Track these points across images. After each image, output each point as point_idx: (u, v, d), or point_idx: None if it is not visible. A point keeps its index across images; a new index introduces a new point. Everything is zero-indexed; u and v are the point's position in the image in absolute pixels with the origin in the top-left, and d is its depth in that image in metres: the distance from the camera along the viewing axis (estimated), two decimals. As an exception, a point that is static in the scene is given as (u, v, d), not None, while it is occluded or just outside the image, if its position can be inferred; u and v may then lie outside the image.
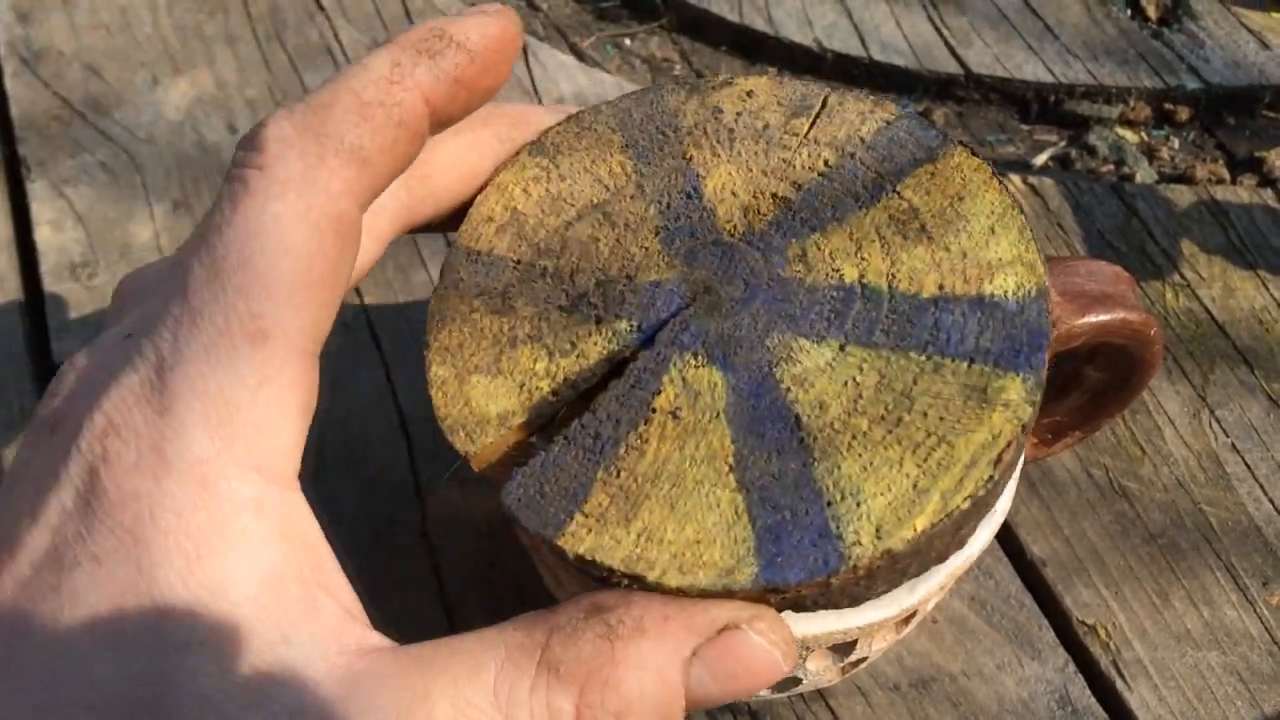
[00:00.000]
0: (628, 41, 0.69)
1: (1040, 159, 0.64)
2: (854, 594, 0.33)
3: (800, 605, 0.32)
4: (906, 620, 0.39)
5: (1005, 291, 0.34)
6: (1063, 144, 0.65)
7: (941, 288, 0.34)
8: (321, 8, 0.69)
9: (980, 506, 0.32)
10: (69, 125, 0.63)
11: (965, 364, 0.33)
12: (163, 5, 0.69)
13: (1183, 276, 0.57)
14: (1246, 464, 0.51)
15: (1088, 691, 0.46)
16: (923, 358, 0.33)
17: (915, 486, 0.31)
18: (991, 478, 0.31)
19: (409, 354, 0.55)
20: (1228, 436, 0.52)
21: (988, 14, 0.68)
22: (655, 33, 0.70)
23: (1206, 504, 0.50)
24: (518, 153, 0.38)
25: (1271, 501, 0.50)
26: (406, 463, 0.52)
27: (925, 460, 0.31)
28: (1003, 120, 0.66)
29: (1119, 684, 0.46)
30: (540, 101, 0.64)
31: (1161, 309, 0.56)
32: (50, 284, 0.57)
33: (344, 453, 0.52)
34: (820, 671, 0.39)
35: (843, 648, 0.38)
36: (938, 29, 0.67)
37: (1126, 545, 0.49)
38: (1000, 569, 0.49)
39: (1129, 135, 0.65)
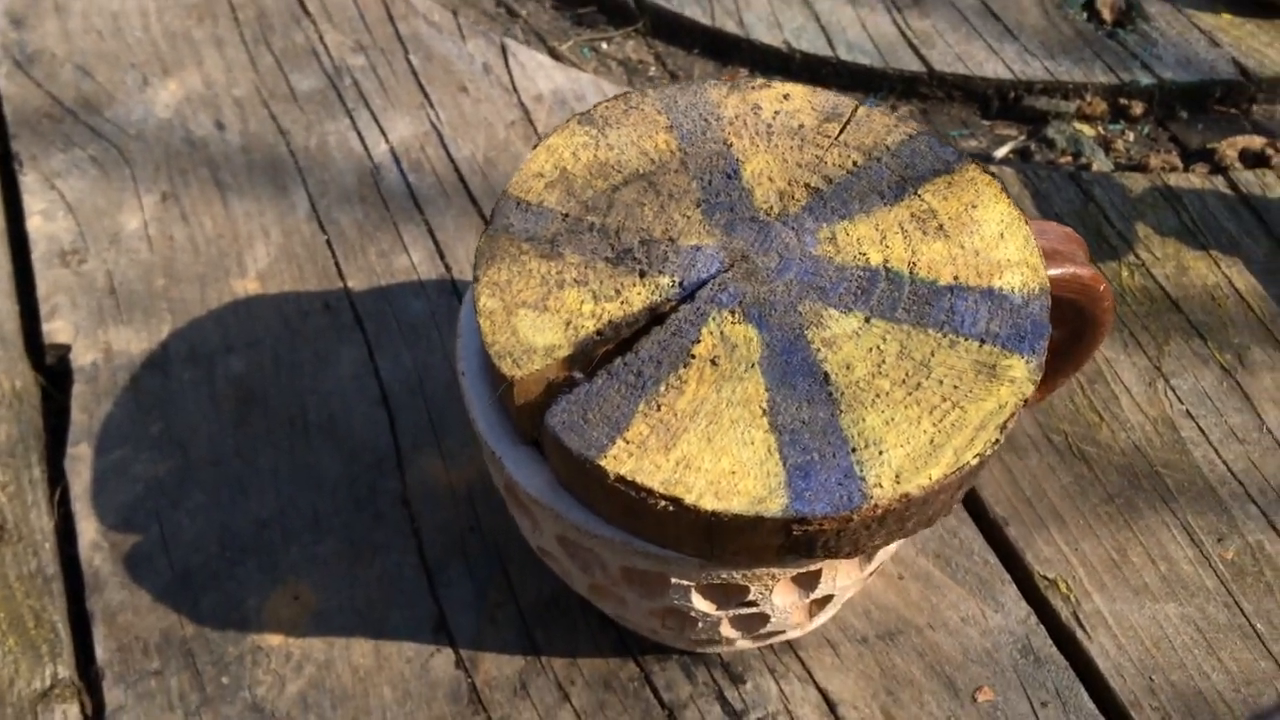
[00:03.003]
0: (604, 45, 0.72)
1: (1001, 152, 0.66)
2: (862, 539, 0.35)
3: (813, 546, 0.34)
4: (869, 557, 0.40)
5: (1012, 287, 0.37)
6: (1023, 138, 0.67)
7: (956, 278, 0.38)
8: (307, 12, 0.71)
9: (982, 467, 0.35)
10: (61, 122, 0.65)
11: (977, 343, 0.36)
12: (153, 11, 0.71)
13: (1138, 256, 0.59)
14: (1201, 429, 0.53)
15: (1049, 641, 0.47)
16: (939, 334, 0.36)
17: (932, 442, 0.34)
18: (998, 440, 0.34)
19: (390, 334, 0.56)
20: (1182, 404, 0.54)
21: (949, 16, 0.71)
22: (631, 36, 0.72)
23: (1162, 466, 0.52)
24: (567, 121, 0.42)
25: (1225, 463, 0.52)
26: (388, 435, 0.53)
27: (941, 420, 0.34)
28: (965, 116, 0.68)
29: (1079, 634, 0.47)
30: (519, 98, 0.66)
31: (1118, 286, 0.58)
32: (41, 269, 0.59)
33: (326, 425, 0.53)
34: (787, 609, 0.40)
35: (807, 580, 0.39)
36: (901, 31, 0.70)
37: (1086, 505, 0.51)
38: (964, 528, 0.50)
39: (1086, 129, 0.67)
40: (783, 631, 0.44)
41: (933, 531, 0.50)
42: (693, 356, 0.36)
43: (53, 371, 0.56)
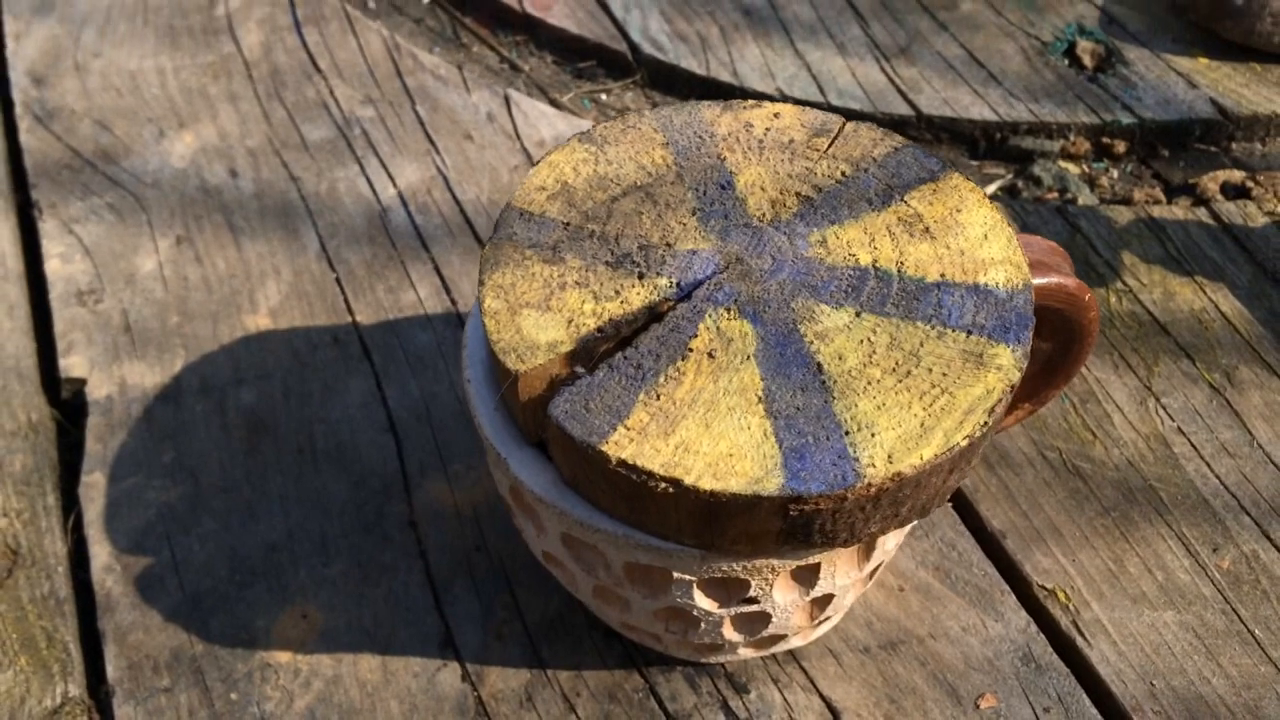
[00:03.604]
0: (604, 96, 0.75)
1: (989, 189, 0.68)
2: (857, 523, 0.36)
3: (810, 529, 0.35)
4: (867, 553, 0.41)
5: (997, 283, 0.39)
6: (1010, 176, 0.69)
7: (943, 276, 0.39)
8: (318, 69, 0.74)
9: (972, 450, 0.36)
10: (79, 173, 0.68)
11: (964, 334, 0.37)
12: (170, 70, 0.74)
13: (1124, 284, 0.61)
14: (1193, 445, 0.54)
15: (1050, 649, 0.48)
16: (928, 327, 0.38)
17: (922, 425, 0.35)
18: (986, 423, 0.35)
19: (398, 365, 0.58)
20: (1174, 421, 0.55)
21: (935, 65, 0.73)
22: (629, 88, 0.75)
23: (1156, 481, 0.53)
24: (568, 140, 0.44)
25: (1218, 477, 0.53)
26: (395, 461, 0.54)
27: (930, 405, 0.36)
28: (953, 157, 0.70)
29: (1079, 641, 0.48)
30: (522, 144, 0.69)
31: (1106, 311, 0.60)
32: (59, 309, 0.60)
33: (335, 452, 0.54)
34: (788, 608, 0.41)
35: (807, 575, 0.40)
36: (890, 78, 0.73)
37: (1082, 518, 0.52)
38: (962, 541, 0.51)
39: (1071, 167, 0.69)
40: (785, 636, 0.44)
41: (932, 545, 0.51)
42: (690, 350, 0.37)
43: (69, 406, 0.58)
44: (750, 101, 0.45)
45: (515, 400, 0.38)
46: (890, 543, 0.42)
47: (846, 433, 0.35)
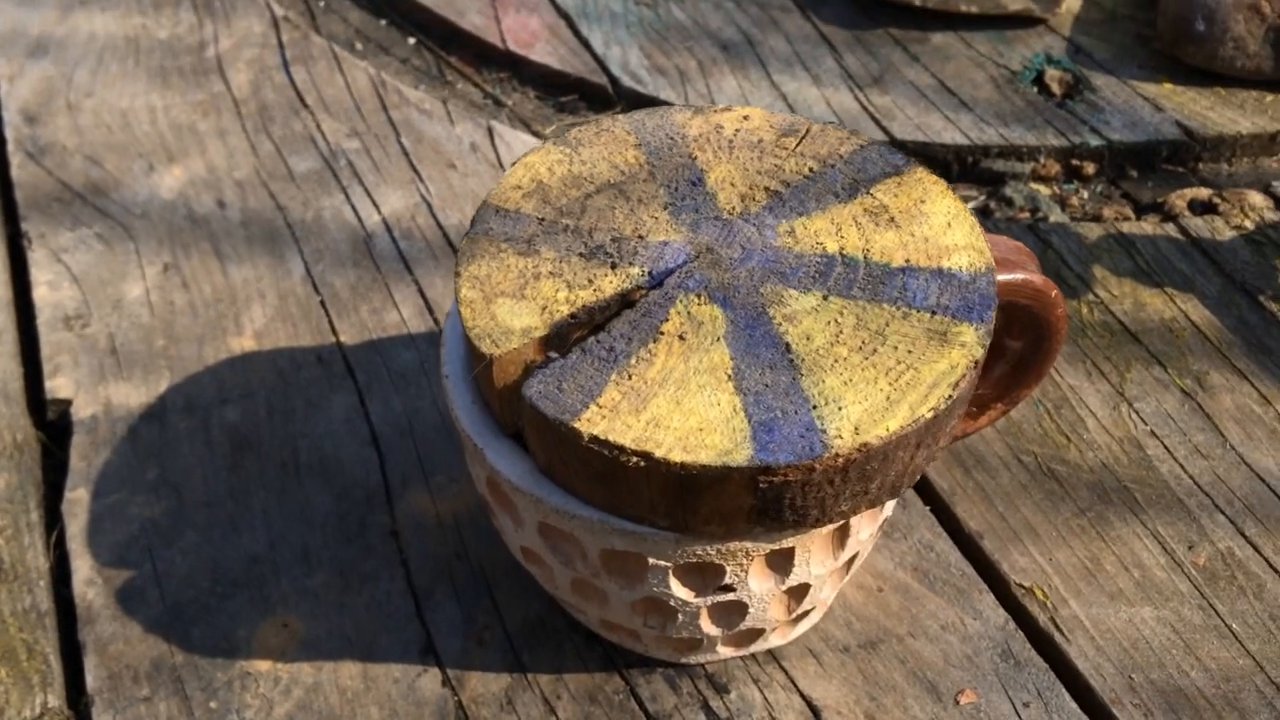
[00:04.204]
0: (585, 129, 0.76)
1: (963, 211, 0.69)
2: (827, 499, 0.36)
3: (781, 505, 0.36)
4: (841, 541, 0.41)
5: (960, 266, 0.40)
6: (982, 198, 0.71)
7: (908, 261, 0.40)
8: (306, 105, 0.76)
9: (938, 424, 0.37)
10: (69, 205, 0.69)
11: (929, 314, 0.38)
12: (160, 108, 0.76)
13: (1096, 295, 0.62)
14: (1166, 447, 0.55)
15: (1028, 646, 0.48)
16: (893, 308, 0.39)
17: (888, 399, 0.36)
18: (950, 396, 0.36)
19: (381, 382, 0.58)
20: (1147, 425, 0.56)
21: (908, 93, 0.75)
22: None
23: (1131, 482, 0.53)
24: (543, 143, 0.45)
25: (1191, 478, 0.53)
26: (378, 474, 0.54)
27: (896, 380, 0.36)
28: (928, 181, 0.72)
29: (1058, 637, 0.48)
30: (505, 172, 0.70)
31: (1078, 321, 0.61)
32: (45, 333, 0.61)
33: (318, 466, 0.55)
34: (764, 596, 0.41)
35: (781, 562, 0.40)
36: (864, 106, 0.74)
37: (1058, 518, 0.52)
38: (939, 543, 0.51)
39: (1042, 189, 0.71)
40: (763, 632, 0.44)
41: (910, 546, 0.51)
42: (662, 333, 0.38)
43: (55, 428, 0.58)
44: (721, 106, 0.47)
45: (491, 387, 0.39)
46: (864, 532, 0.42)
47: (814, 407, 0.36)
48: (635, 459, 0.35)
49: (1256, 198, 0.68)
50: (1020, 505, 0.52)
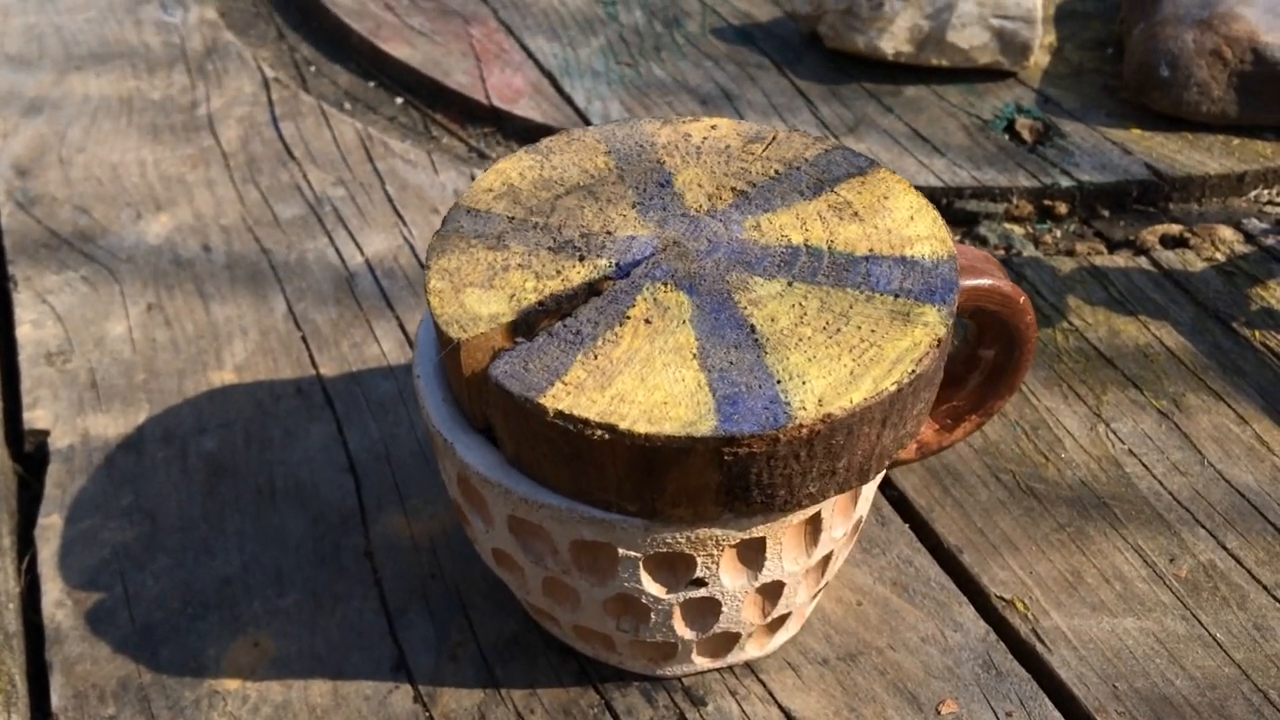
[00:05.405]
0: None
1: (939, 251, 0.70)
2: (794, 477, 0.36)
3: (747, 479, 0.36)
4: (814, 537, 0.41)
5: (923, 255, 0.41)
6: (957, 237, 0.72)
7: (872, 250, 0.41)
8: (293, 157, 0.77)
9: (903, 401, 0.37)
10: (56, 250, 0.70)
11: (892, 297, 0.39)
12: (150, 161, 0.77)
13: (1070, 323, 0.63)
14: (1144, 465, 0.55)
15: (1010, 656, 0.47)
16: (857, 292, 0.39)
17: (852, 374, 0.36)
18: (913, 372, 0.37)
19: (359, 411, 0.58)
20: (1124, 444, 0.56)
21: (882, 140, 0.77)
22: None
23: (1110, 498, 0.53)
24: (515, 151, 0.46)
25: (1170, 494, 0.53)
26: (354, 498, 0.54)
27: (860, 357, 0.37)
28: (904, 223, 0.73)
29: (1039, 648, 0.47)
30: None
31: (1054, 348, 0.61)
32: (27, 368, 0.61)
33: (293, 491, 0.54)
34: (737, 593, 0.41)
35: (752, 555, 0.40)
36: (840, 154, 0.76)
37: (1038, 533, 0.52)
38: (919, 557, 0.51)
39: (1015, 228, 0.72)
40: (739, 637, 0.44)
41: (889, 561, 0.51)
42: (628, 317, 0.38)
43: (32, 461, 0.58)
44: (689, 116, 0.48)
45: (460, 378, 0.39)
46: (837, 530, 0.42)
47: (778, 381, 0.36)
48: (600, 432, 0.35)
49: (1227, 232, 0.69)
50: (999, 521, 0.52)
